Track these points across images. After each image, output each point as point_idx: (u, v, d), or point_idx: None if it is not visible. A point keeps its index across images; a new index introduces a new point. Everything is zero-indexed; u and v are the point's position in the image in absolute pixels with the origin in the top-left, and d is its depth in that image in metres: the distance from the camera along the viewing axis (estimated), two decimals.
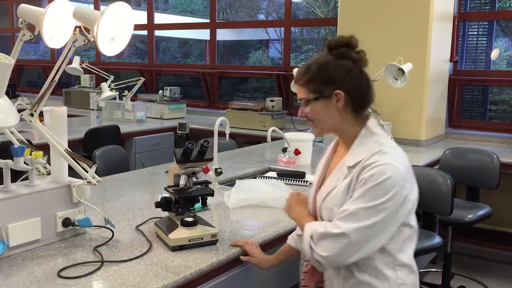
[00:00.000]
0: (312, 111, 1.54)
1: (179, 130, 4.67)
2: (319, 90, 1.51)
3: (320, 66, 1.52)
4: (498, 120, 4.67)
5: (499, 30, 4.95)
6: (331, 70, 1.50)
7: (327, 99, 1.51)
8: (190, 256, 1.68)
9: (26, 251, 1.69)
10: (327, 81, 1.50)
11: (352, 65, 1.52)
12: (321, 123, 1.56)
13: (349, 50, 1.53)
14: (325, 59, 1.52)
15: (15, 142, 1.86)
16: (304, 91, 1.55)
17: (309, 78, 1.53)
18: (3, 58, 1.57)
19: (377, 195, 1.40)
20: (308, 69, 1.54)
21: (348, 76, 1.51)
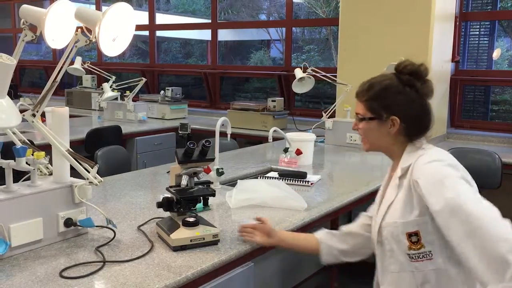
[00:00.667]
0: (365, 128, 1.56)
1: (181, 131, 4.68)
2: (376, 112, 1.52)
3: (383, 88, 1.52)
4: (500, 120, 4.66)
5: (501, 30, 4.95)
6: (393, 96, 1.50)
7: (382, 122, 1.52)
8: (191, 256, 1.68)
9: (28, 251, 1.69)
10: (386, 105, 1.51)
11: (415, 95, 1.50)
12: (370, 141, 1.58)
13: (416, 79, 1.51)
14: (390, 83, 1.52)
15: (17, 142, 1.87)
16: (361, 107, 1.55)
17: (369, 97, 1.53)
18: (5, 59, 1.57)
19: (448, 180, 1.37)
20: (371, 88, 1.54)
21: (409, 105, 1.50)
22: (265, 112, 4.80)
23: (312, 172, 2.98)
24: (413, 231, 1.43)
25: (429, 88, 1.53)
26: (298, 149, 3.14)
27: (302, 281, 2.99)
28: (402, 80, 1.51)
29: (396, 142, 1.54)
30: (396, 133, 1.52)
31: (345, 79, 4.05)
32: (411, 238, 1.44)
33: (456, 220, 1.29)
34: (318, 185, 2.72)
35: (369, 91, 1.54)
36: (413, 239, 1.43)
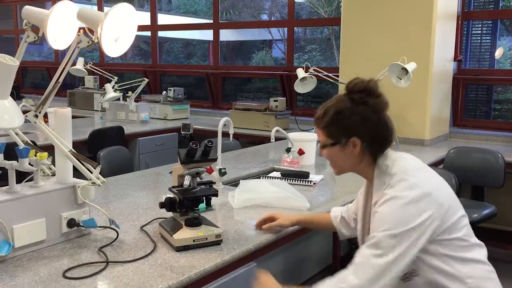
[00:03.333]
0: (328, 154, 1.57)
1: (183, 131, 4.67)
2: (335, 137, 1.53)
3: (336, 112, 1.52)
4: (503, 119, 4.65)
5: (503, 29, 4.93)
6: (347, 118, 1.50)
7: (343, 145, 1.52)
8: (194, 256, 1.68)
9: (31, 252, 1.69)
10: (343, 129, 1.51)
11: (369, 111, 1.50)
12: (338, 166, 1.60)
13: (368, 96, 1.50)
14: (343, 105, 1.51)
15: (20, 143, 1.87)
16: (321, 134, 1.57)
17: (326, 123, 1.54)
18: (7, 60, 1.57)
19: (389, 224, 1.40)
20: (326, 114, 1.54)
21: (365, 124, 1.50)
22: (267, 112, 4.80)
23: (314, 172, 2.98)
24: None
25: (382, 102, 1.52)
26: (301, 149, 3.14)
27: (305, 280, 2.99)
28: (354, 100, 1.51)
29: (362, 161, 1.55)
30: (360, 154, 1.53)
31: (347, 79, 4.00)
32: None
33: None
34: (320, 185, 2.72)
35: (324, 117, 1.54)
36: None
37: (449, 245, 1.44)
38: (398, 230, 1.38)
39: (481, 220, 3.15)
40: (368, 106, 1.50)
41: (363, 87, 1.51)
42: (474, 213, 3.13)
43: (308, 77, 3.97)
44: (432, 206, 1.40)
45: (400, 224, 1.38)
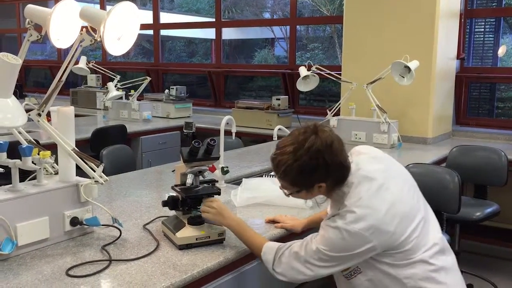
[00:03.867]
0: (297, 197, 1.66)
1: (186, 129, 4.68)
2: (300, 187, 1.60)
3: (299, 171, 1.54)
4: (506, 117, 4.64)
5: (506, 26, 4.92)
6: (310, 174, 1.55)
7: (309, 190, 1.61)
8: (197, 255, 1.68)
9: (34, 250, 1.70)
10: (309, 182, 1.58)
11: (330, 161, 1.53)
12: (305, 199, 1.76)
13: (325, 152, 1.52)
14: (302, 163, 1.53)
15: (23, 142, 1.87)
16: (285, 184, 1.63)
17: (290, 180, 1.59)
18: (10, 59, 1.58)
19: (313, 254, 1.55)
20: (286, 175, 1.57)
21: (328, 170, 1.54)
22: (270, 111, 4.80)
23: None
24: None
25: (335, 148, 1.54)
26: None
27: None
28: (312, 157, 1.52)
29: (329, 193, 1.64)
30: (326, 191, 1.61)
31: (350, 77, 4.04)
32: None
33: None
34: None
35: (285, 177, 1.59)
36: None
37: (393, 256, 1.53)
38: (335, 254, 1.52)
39: (484, 219, 3.14)
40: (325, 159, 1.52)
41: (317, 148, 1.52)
42: (477, 211, 3.13)
43: (311, 76, 3.97)
44: (375, 238, 1.48)
45: (338, 250, 1.51)
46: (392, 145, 3.79)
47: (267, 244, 1.68)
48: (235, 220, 1.78)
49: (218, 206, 1.77)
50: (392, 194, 1.55)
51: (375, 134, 3.81)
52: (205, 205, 1.78)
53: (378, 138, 3.79)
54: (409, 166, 2.98)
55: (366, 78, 3.79)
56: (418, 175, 2.92)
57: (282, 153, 1.57)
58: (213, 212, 1.76)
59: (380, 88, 3.79)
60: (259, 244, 1.69)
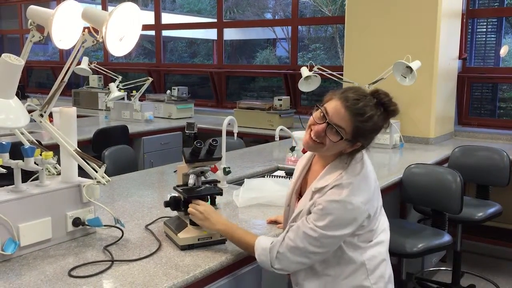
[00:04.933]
0: (330, 141, 1.53)
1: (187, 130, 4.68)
2: (350, 136, 1.52)
3: (373, 124, 1.52)
4: (508, 118, 4.64)
5: (508, 26, 4.91)
6: (372, 130, 1.54)
7: (345, 142, 1.54)
8: (199, 255, 1.69)
9: (37, 251, 1.70)
10: (364, 135, 1.54)
11: (381, 127, 1.56)
12: (319, 144, 1.57)
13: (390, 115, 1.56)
14: (377, 118, 1.53)
15: (25, 142, 1.88)
16: (345, 122, 1.51)
17: (360, 126, 1.51)
18: (13, 59, 1.58)
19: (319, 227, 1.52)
20: (363, 112, 1.50)
21: (375, 135, 1.57)
22: (272, 111, 4.80)
23: None
24: None
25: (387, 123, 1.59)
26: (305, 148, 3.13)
27: None
28: (382, 116, 1.54)
29: (339, 154, 1.60)
30: (347, 150, 1.58)
31: (352, 78, 4.04)
32: None
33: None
34: None
35: (360, 115, 1.50)
36: None
37: (361, 236, 1.59)
38: (339, 233, 1.52)
39: (486, 219, 3.14)
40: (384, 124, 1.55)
41: (393, 110, 1.56)
42: (479, 211, 3.12)
43: (312, 76, 3.97)
44: (369, 210, 1.55)
45: (342, 227, 1.52)
46: (394, 146, 3.79)
47: (259, 244, 1.64)
48: (224, 223, 1.72)
49: (205, 211, 1.72)
50: (373, 172, 1.64)
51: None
52: (191, 207, 1.74)
53: (380, 138, 3.79)
54: (411, 166, 2.97)
55: (368, 79, 3.78)
56: (420, 175, 2.93)
57: (367, 100, 1.53)
58: (200, 217, 1.72)
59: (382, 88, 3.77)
60: (251, 244, 1.65)
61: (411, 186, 2.94)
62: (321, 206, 1.53)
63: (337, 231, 1.51)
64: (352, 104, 1.51)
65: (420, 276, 3.52)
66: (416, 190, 2.92)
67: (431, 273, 3.71)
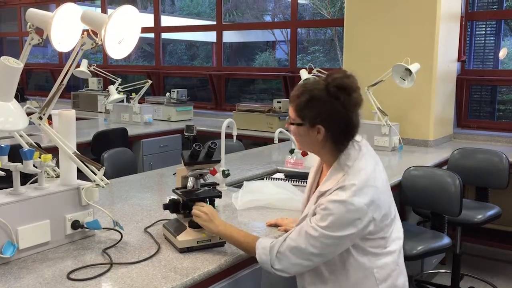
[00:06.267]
0: (294, 131, 1.65)
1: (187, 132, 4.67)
2: (303, 119, 1.60)
3: (311, 98, 1.58)
4: (507, 120, 4.64)
5: (507, 29, 4.92)
6: (320, 107, 1.56)
7: (309, 128, 1.59)
8: (198, 258, 1.68)
9: (35, 254, 1.70)
10: (313, 115, 1.57)
11: (341, 107, 1.55)
12: (301, 143, 1.68)
13: (343, 92, 1.55)
14: (318, 94, 1.57)
15: (24, 145, 1.88)
16: (292, 111, 1.64)
17: (298, 103, 1.60)
18: (12, 62, 1.58)
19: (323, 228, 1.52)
20: (301, 95, 1.60)
21: (334, 116, 1.56)
22: (271, 114, 4.80)
23: None
24: None
25: (354, 100, 1.57)
26: (304, 150, 3.14)
27: None
28: (329, 92, 1.55)
29: (324, 148, 1.63)
30: (323, 141, 1.60)
31: None
32: None
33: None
34: None
35: (299, 97, 1.60)
36: None
37: (372, 241, 1.57)
38: (339, 233, 1.50)
39: (485, 222, 3.14)
40: (339, 101, 1.55)
41: (339, 83, 1.55)
42: (478, 214, 3.12)
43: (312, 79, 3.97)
44: (373, 212, 1.53)
45: (343, 228, 1.50)
46: (393, 148, 3.79)
47: (260, 243, 1.65)
48: (225, 224, 1.75)
49: (209, 212, 1.74)
50: (382, 179, 1.63)
51: (376, 137, 3.80)
52: (196, 209, 1.76)
53: (379, 140, 3.79)
54: (410, 168, 2.97)
55: (367, 81, 3.79)
56: (419, 177, 2.93)
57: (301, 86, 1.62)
58: (205, 218, 1.73)
59: (381, 90, 3.79)
60: (252, 245, 1.66)
61: (410, 188, 2.94)
62: (323, 206, 1.53)
63: (337, 231, 1.50)
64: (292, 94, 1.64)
65: (420, 278, 3.52)
66: (415, 192, 2.92)
67: (430, 276, 3.71)
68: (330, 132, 1.57)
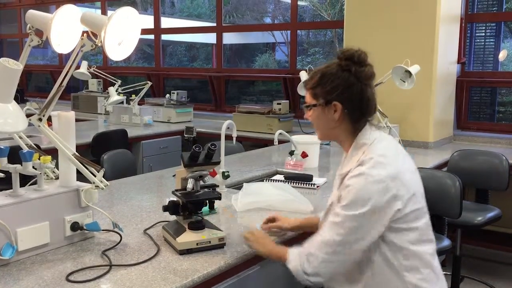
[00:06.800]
0: (312, 116, 1.64)
1: (186, 134, 4.68)
2: (319, 98, 1.59)
3: (323, 75, 1.58)
4: (507, 122, 4.64)
5: (507, 31, 4.92)
6: (333, 82, 1.56)
7: (325, 108, 1.58)
8: (198, 260, 1.68)
9: (35, 255, 1.69)
10: (327, 91, 1.57)
11: (354, 79, 1.55)
12: (320, 129, 1.66)
13: (353, 64, 1.55)
14: (329, 69, 1.58)
15: (24, 147, 1.87)
16: (307, 96, 1.64)
17: (312, 84, 1.61)
18: (11, 64, 1.58)
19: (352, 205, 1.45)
20: (314, 76, 1.60)
21: (348, 90, 1.55)
22: (271, 115, 4.80)
23: (318, 175, 2.98)
24: None
25: (366, 72, 1.57)
26: (304, 152, 3.14)
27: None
28: (341, 66, 1.57)
29: (342, 128, 1.60)
30: (340, 119, 1.58)
31: None
32: None
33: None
34: (324, 188, 2.71)
35: (312, 79, 1.61)
36: None
37: (403, 235, 1.49)
38: (361, 210, 1.43)
39: (485, 223, 3.13)
40: (351, 74, 1.55)
41: (350, 54, 1.56)
42: (479, 216, 3.12)
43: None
44: (397, 188, 1.45)
45: (363, 202, 1.43)
46: None
47: (290, 251, 1.59)
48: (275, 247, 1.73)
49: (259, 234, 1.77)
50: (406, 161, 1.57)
51: None
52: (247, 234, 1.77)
53: None
54: None
55: None
56: None
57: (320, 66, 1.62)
58: (252, 239, 1.73)
59: (381, 92, 3.75)
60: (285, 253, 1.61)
61: None
62: (345, 185, 1.50)
63: (359, 208, 1.43)
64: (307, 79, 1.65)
65: None
66: None
67: None
68: (347, 107, 1.55)
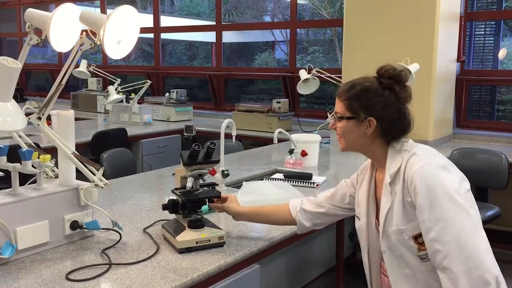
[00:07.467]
0: (342, 127, 1.59)
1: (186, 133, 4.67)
2: (355, 111, 1.55)
3: (363, 89, 1.55)
4: (506, 120, 4.64)
5: (506, 29, 4.93)
6: (372, 98, 1.53)
7: (359, 122, 1.54)
8: (197, 258, 1.68)
9: (34, 254, 1.69)
10: (365, 106, 1.53)
11: (393, 99, 1.53)
12: (347, 141, 1.60)
13: (396, 84, 1.54)
14: (370, 85, 1.55)
15: (23, 145, 1.87)
16: (341, 106, 1.59)
17: (349, 96, 1.56)
18: (10, 63, 1.58)
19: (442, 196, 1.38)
20: (352, 88, 1.56)
21: (386, 108, 1.53)
22: (270, 114, 4.80)
23: (317, 174, 2.98)
24: (418, 233, 1.44)
25: (407, 93, 1.55)
26: (304, 151, 3.14)
27: (308, 282, 2.99)
28: (382, 84, 1.54)
29: (372, 143, 1.57)
30: (372, 135, 1.55)
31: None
32: (418, 240, 1.45)
33: (447, 236, 1.37)
34: (323, 186, 2.72)
35: (349, 91, 1.57)
36: (420, 240, 1.44)
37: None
38: (444, 197, 1.36)
39: (485, 222, 3.13)
40: (393, 93, 1.53)
41: (394, 74, 1.54)
42: None
43: (311, 79, 3.97)
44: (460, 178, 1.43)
45: (442, 189, 1.37)
46: None
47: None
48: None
49: None
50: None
51: None
52: None
53: None
54: None
55: None
56: None
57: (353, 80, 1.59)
58: None
59: None
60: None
61: None
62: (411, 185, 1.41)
63: (443, 198, 1.36)
64: (342, 89, 1.60)
65: None
66: None
67: None
68: (382, 125, 1.52)
